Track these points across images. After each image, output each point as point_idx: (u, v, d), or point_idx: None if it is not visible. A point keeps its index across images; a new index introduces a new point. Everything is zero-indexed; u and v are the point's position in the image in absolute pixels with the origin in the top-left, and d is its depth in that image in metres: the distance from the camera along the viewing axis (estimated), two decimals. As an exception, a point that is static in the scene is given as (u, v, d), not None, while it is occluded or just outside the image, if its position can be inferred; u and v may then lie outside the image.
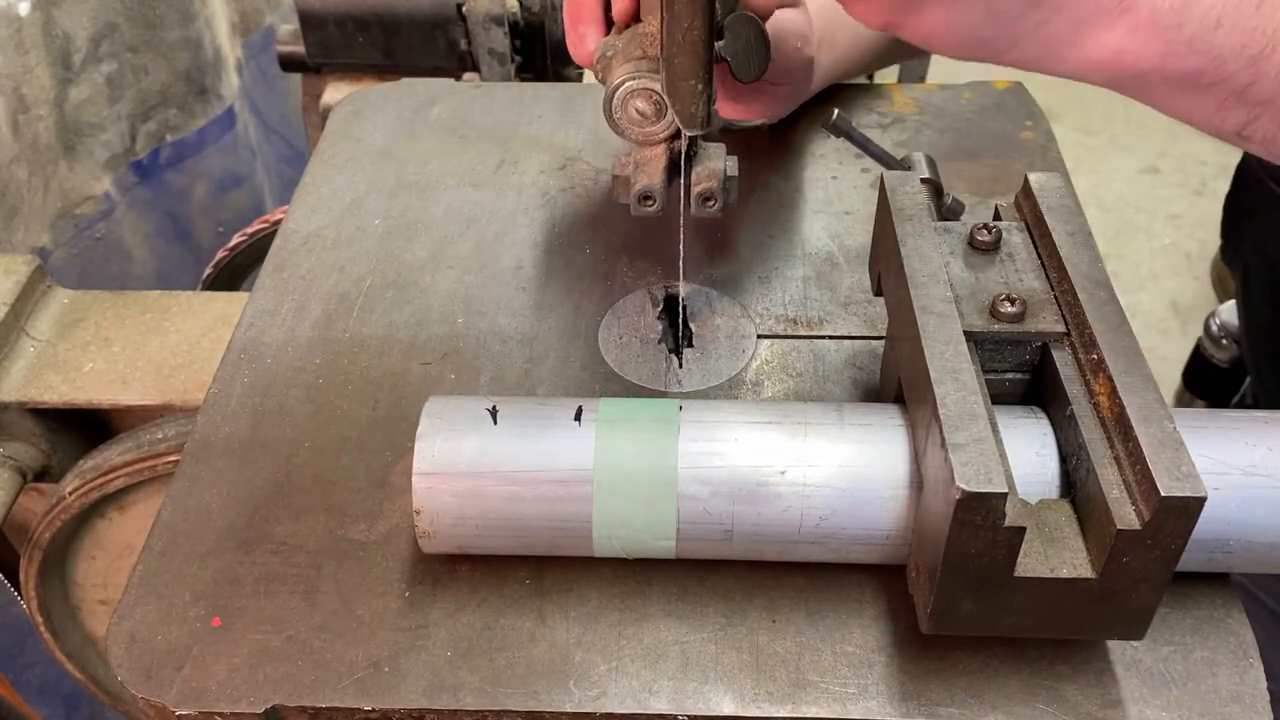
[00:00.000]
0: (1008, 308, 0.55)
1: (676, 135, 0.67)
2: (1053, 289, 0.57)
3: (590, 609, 0.57)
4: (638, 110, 0.66)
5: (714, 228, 0.81)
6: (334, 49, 1.31)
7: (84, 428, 0.88)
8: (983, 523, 0.46)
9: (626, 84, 0.65)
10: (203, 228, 1.65)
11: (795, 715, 0.53)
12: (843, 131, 0.71)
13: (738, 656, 0.55)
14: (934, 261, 0.57)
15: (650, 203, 0.67)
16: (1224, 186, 1.23)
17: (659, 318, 0.74)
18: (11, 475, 0.85)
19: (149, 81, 1.49)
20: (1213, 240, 2.37)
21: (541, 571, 0.59)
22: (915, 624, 0.56)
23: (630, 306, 0.75)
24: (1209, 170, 2.86)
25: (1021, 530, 0.47)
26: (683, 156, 0.67)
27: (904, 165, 0.72)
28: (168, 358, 0.86)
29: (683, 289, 0.75)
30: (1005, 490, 0.45)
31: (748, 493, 0.54)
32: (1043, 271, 0.58)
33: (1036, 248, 0.60)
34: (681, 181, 0.68)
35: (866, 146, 0.73)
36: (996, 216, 0.64)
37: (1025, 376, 0.57)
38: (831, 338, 0.72)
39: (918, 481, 0.53)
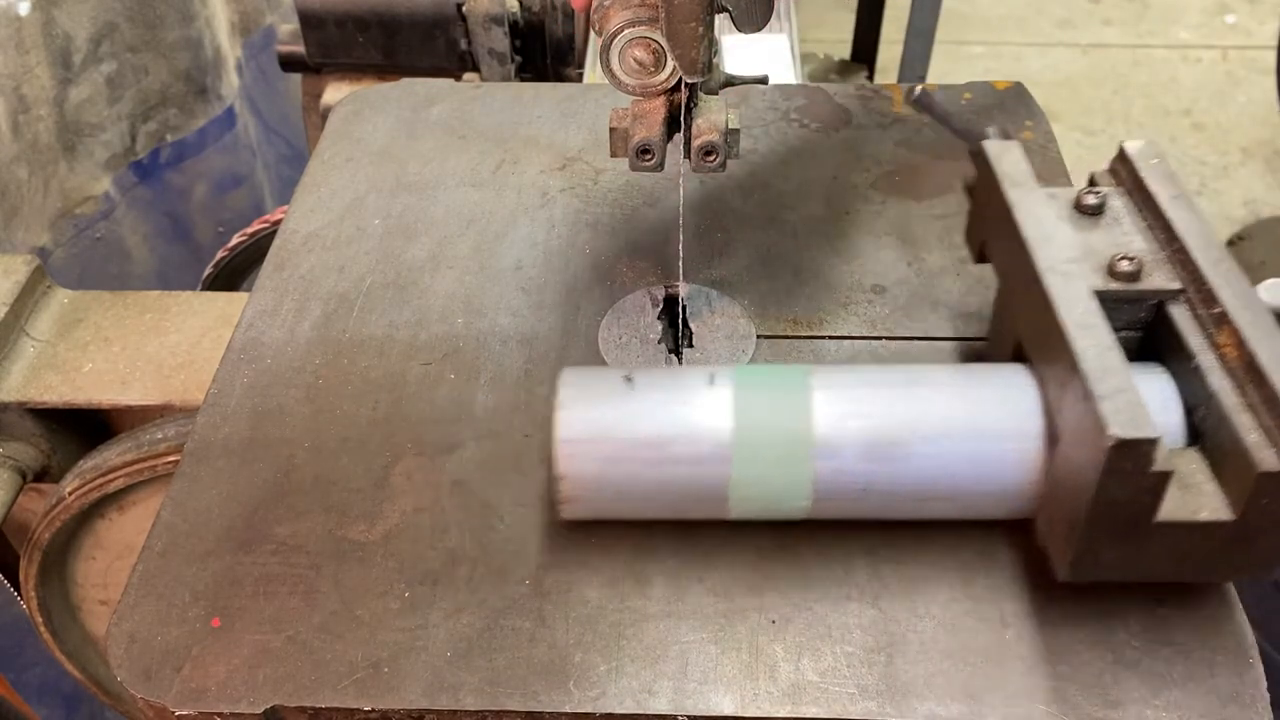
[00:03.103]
0: (1125, 266, 0.58)
1: (676, 88, 0.65)
2: (1162, 249, 0.60)
3: (590, 609, 0.57)
4: (636, 60, 0.63)
5: (714, 228, 0.81)
6: (334, 49, 1.31)
7: (84, 428, 0.88)
8: (1132, 469, 0.47)
9: (625, 32, 0.62)
10: (203, 228, 1.65)
11: (795, 715, 0.53)
12: (926, 106, 0.71)
13: (737, 656, 0.55)
14: (1049, 224, 0.60)
15: (649, 157, 0.65)
16: (1225, 186, 1.23)
17: (659, 318, 0.74)
18: (11, 475, 0.85)
19: (149, 81, 1.49)
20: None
21: (541, 572, 0.59)
22: (913, 623, 0.56)
23: (630, 306, 0.75)
24: (1209, 171, 2.86)
25: (1168, 475, 0.48)
26: (683, 109, 0.65)
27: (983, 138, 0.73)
28: (168, 358, 0.86)
29: (683, 289, 0.75)
30: (1157, 436, 0.47)
31: (883, 451, 0.56)
32: (1150, 233, 0.61)
33: (1140, 211, 0.62)
34: (682, 135, 0.66)
35: (948, 121, 0.73)
36: (1091, 183, 0.65)
37: (1138, 334, 0.59)
38: (831, 338, 0.72)
39: (1050, 436, 0.55)
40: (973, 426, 0.56)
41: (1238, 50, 3.23)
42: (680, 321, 0.73)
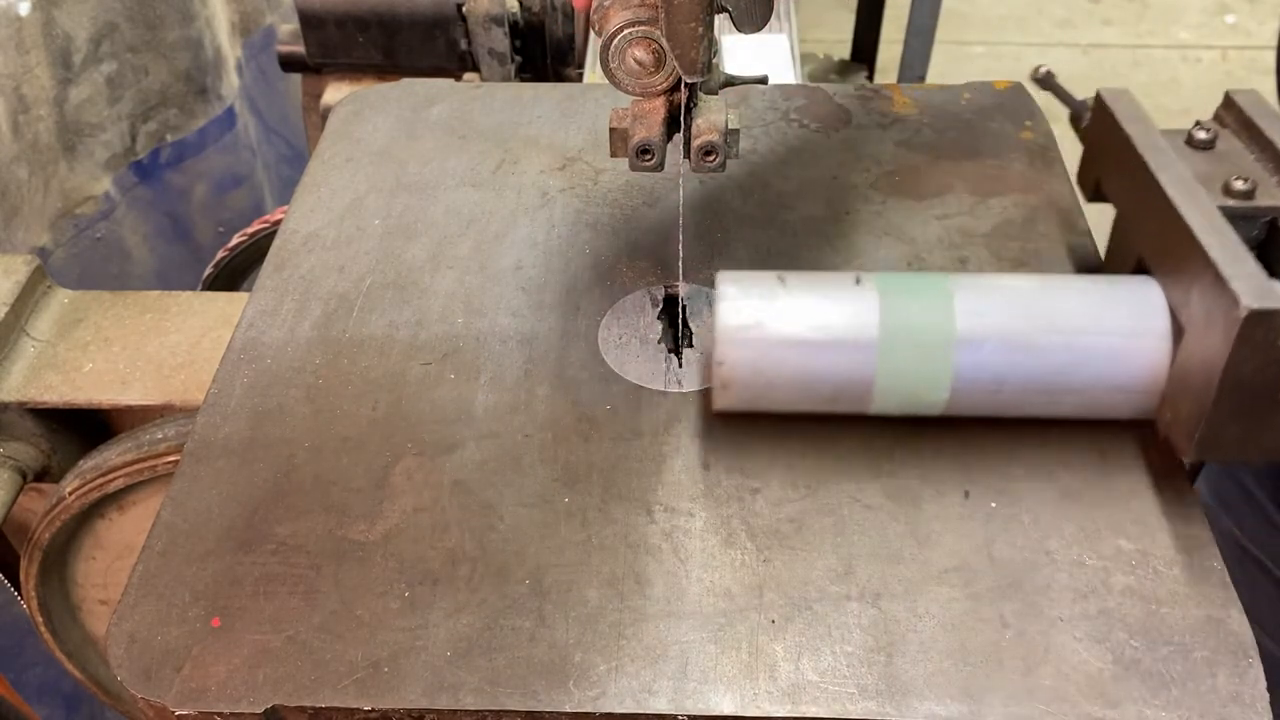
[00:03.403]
0: (1240, 185, 0.63)
1: (676, 88, 0.65)
2: (1273, 174, 0.65)
3: (590, 609, 0.57)
4: (636, 60, 0.63)
5: (714, 228, 0.81)
6: (334, 49, 1.31)
7: (84, 428, 0.88)
8: (1262, 340, 0.52)
9: (625, 31, 0.62)
10: (203, 228, 1.65)
11: (795, 715, 0.53)
12: (1049, 86, 0.78)
13: (737, 656, 0.55)
14: (1169, 153, 0.64)
15: (649, 157, 0.65)
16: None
17: (659, 318, 0.74)
18: (11, 475, 0.85)
19: (149, 81, 1.49)
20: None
21: (541, 571, 0.59)
22: (913, 623, 0.56)
23: (630, 306, 0.75)
24: (1209, 170, 2.86)
25: None
26: (683, 110, 0.65)
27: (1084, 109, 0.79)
28: (168, 358, 0.86)
29: (683, 289, 0.75)
30: None
31: (1021, 348, 0.60)
32: (1259, 164, 0.66)
33: (1247, 148, 0.68)
34: (681, 136, 0.66)
35: (1070, 100, 0.80)
36: (1196, 125, 0.70)
37: (1252, 253, 0.62)
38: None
39: (1176, 333, 0.60)
40: (1103, 324, 0.61)
41: (1238, 50, 3.23)
42: (680, 321, 0.73)
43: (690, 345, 0.72)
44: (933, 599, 0.57)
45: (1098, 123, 0.72)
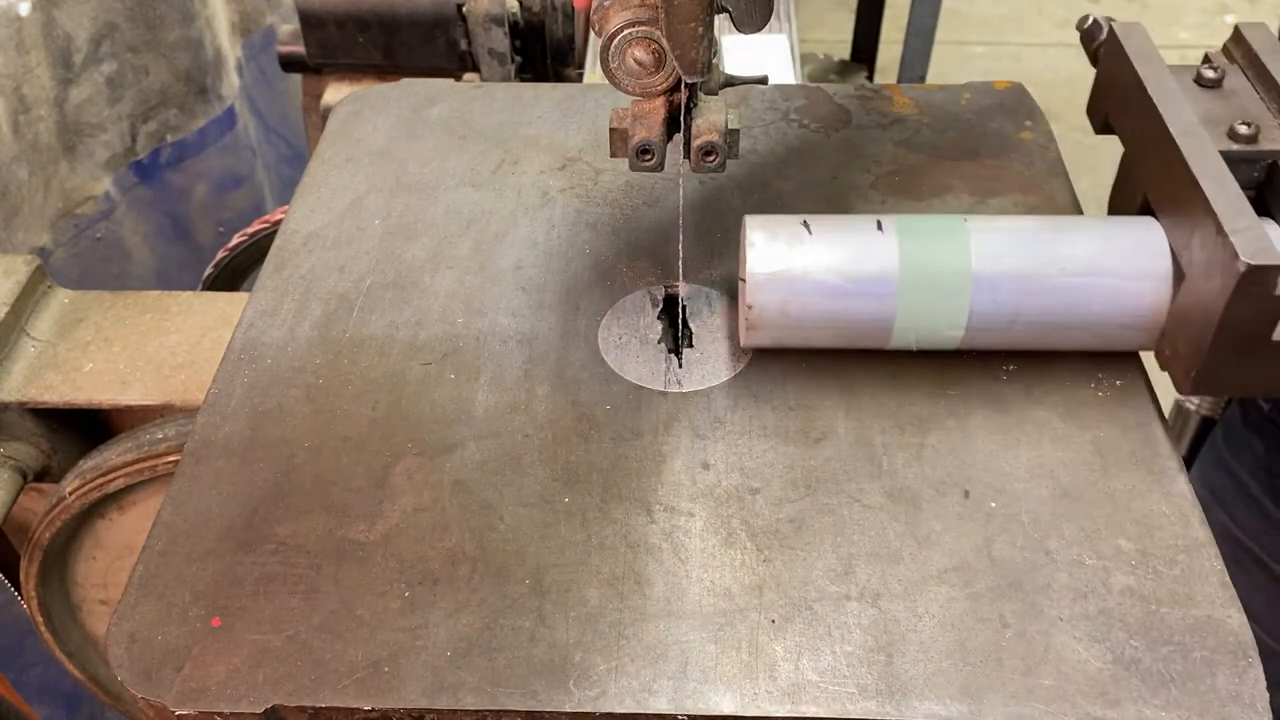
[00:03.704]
0: (1244, 130, 0.65)
1: (676, 88, 0.65)
2: (1276, 116, 0.66)
3: (590, 609, 0.57)
4: (636, 60, 0.64)
5: (714, 228, 0.81)
6: (334, 49, 1.31)
7: (84, 428, 0.88)
8: (1259, 291, 0.55)
9: (625, 31, 0.63)
10: (203, 228, 1.65)
11: (795, 715, 0.53)
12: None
13: (737, 656, 0.55)
14: (1177, 94, 0.67)
15: (649, 157, 0.66)
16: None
17: (659, 318, 0.74)
18: (12, 475, 0.85)
19: (149, 82, 1.50)
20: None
21: (541, 571, 0.59)
22: (913, 623, 0.56)
23: (630, 306, 0.75)
24: (1209, 170, 2.86)
25: None
26: (683, 110, 0.65)
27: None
28: (168, 358, 0.86)
29: (683, 289, 0.75)
30: None
31: (1033, 285, 0.64)
32: (1264, 104, 0.68)
33: (1254, 85, 0.69)
34: (681, 136, 0.66)
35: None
36: (1206, 61, 0.72)
37: (1252, 193, 0.65)
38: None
39: (1177, 274, 0.63)
40: (1110, 265, 0.64)
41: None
42: (680, 321, 0.73)
43: (690, 345, 0.72)
44: (932, 599, 0.57)
45: (1110, 57, 0.73)
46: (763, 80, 0.82)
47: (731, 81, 0.77)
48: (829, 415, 0.67)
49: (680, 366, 0.71)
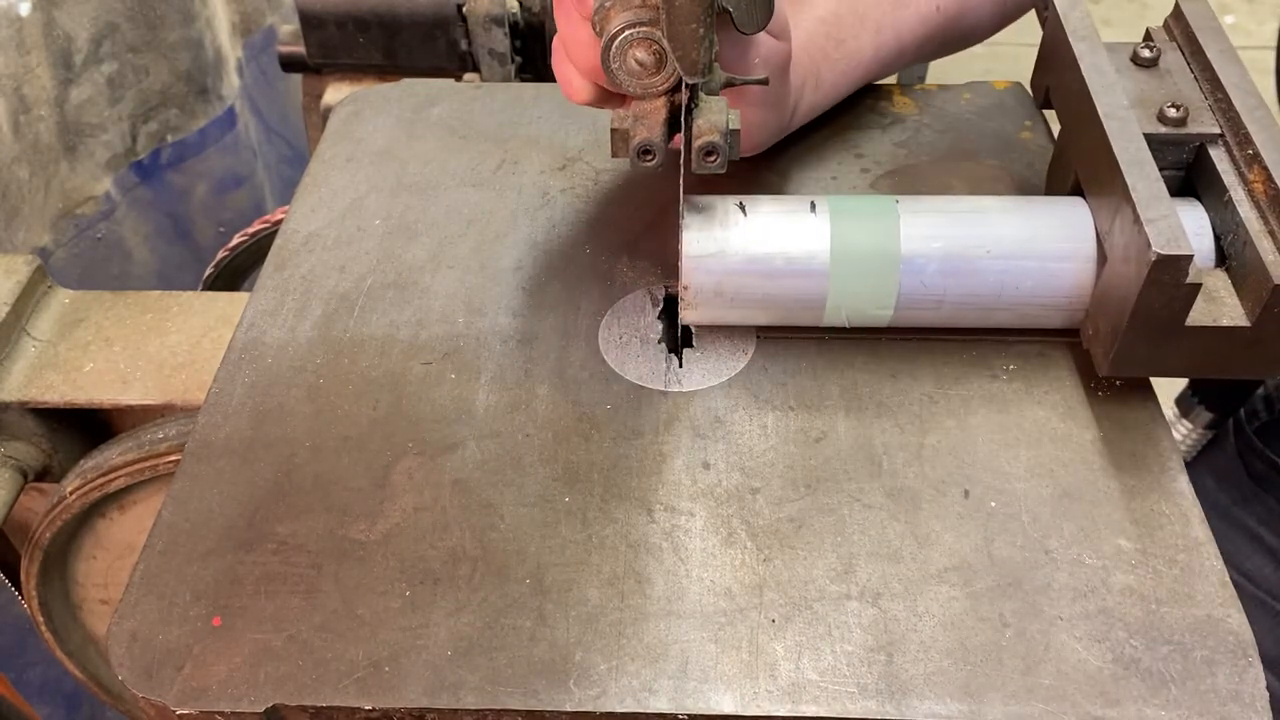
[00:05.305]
0: (1172, 113, 0.66)
1: (677, 88, 0.65)
2: (1207, 98, 0.68)
3: (590, 609, 0.57)
4: (637, 60, 0.64)
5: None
6: (334, 49, 1.31)
7: (85, 428, 0.88)
8: (1169, 280, 0.57)
9: (626, 32, 0.63)
10: (203, 228, 1.65)
11: (795, 715, 0.53)
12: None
13: (737, 655, 0.55)
14: (1110, 74, 0.68)
15: (650, 157, 0.65)
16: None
17: (659, 317, 0.74)
18: (12, 475, 0.85)
19: (150, 82, 1.50)
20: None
21: (542, 571, 0.59)
22: (913, 622, 0.56)
23: (630, 306, 0.75)
24: (1209, 170, 2.86)
25: (1197, 286, 0.58)
26: (684, 110, 0.66)
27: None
28: (168, 358, 0.86)
29: (683, 289, 0.75)
30: (1191, 254, 0.56)
31: (960, 267, 0.66)
32: (1197, 84, 0.69)
33: (1189, 64, 0.70)
34: (682, 136, 0.66)
35: None
36: (1147, 38, 0.73)
37: (1180, 173, 0.68)
38: (833, 335, 0.72)
39: (1101, 256, 0.64)
40: (1036, 248, 0.66)
41: (1237, 50, 3.23)
42: (680, 321, 0.73)
43: (690, 345, 0.72)
44: (932, 598, 0.57)
45: (1051, 31, 0.74)
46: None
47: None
48: (829, 415, 0.67)
49: (680, 366, 0.71)
